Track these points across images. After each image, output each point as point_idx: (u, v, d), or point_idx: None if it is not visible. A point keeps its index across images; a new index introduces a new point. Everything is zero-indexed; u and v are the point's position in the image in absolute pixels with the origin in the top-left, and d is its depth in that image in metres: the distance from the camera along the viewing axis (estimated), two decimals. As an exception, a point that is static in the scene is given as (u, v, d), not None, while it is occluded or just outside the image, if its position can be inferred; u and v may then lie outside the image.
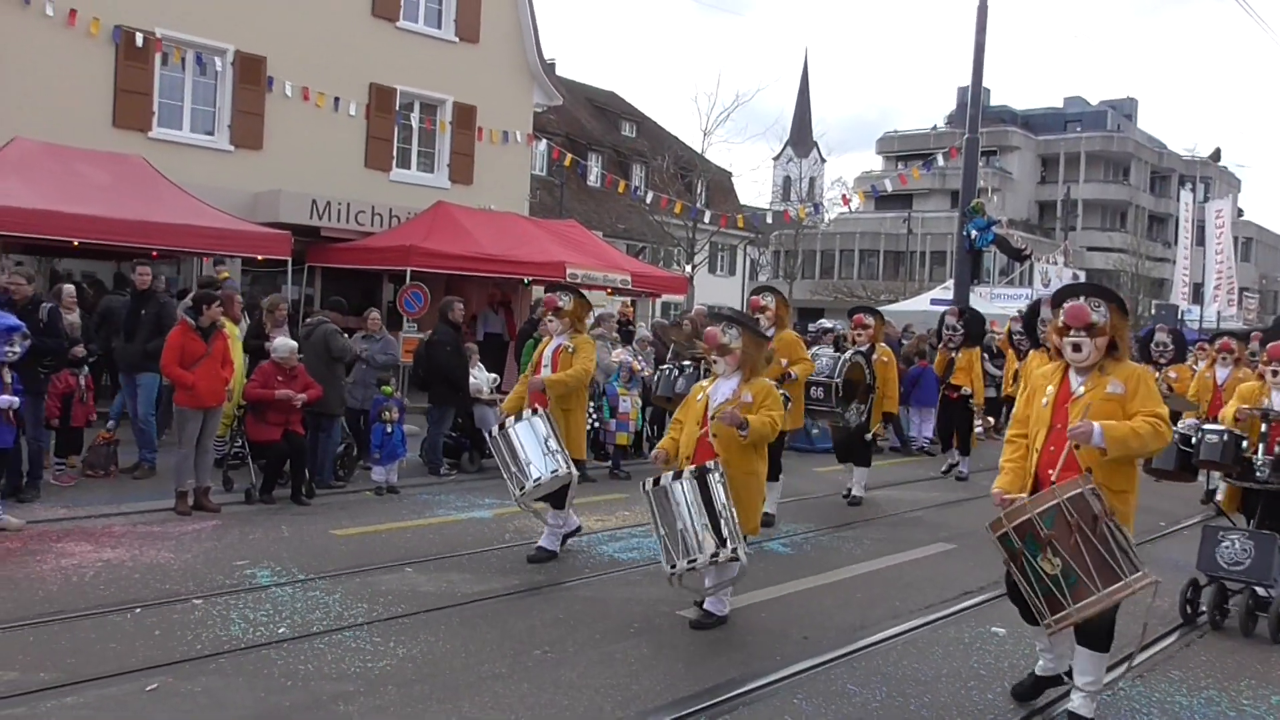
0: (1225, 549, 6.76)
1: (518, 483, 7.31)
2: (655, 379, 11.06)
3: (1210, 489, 10.03)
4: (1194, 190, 44.41)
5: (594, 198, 34.04)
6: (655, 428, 12.93)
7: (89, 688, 4.95)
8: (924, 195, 59.82)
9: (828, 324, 14.87)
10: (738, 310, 6.65)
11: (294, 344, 9.74)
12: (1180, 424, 7.72)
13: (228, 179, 16.60)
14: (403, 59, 19.36)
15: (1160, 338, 12.69)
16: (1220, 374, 10.95)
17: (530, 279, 18.23)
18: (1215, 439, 6.83)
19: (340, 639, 5.84)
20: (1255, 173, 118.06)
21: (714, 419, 6.21)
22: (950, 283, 23.30)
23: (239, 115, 17.26)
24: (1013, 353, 13.38)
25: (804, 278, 51.10)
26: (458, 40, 20.37)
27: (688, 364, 10.20)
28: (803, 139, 66.04)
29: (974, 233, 19.50)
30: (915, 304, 30.94)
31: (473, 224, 17.96)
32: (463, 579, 7.17)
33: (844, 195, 36.12)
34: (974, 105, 19.58)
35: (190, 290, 10.45)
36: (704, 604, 6.38)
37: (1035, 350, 9.83)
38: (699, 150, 35.80)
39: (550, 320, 7.97)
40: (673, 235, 33.21)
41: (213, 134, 17.19)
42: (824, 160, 62.65)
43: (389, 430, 10.20)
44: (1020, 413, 5.34)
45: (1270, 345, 7.21)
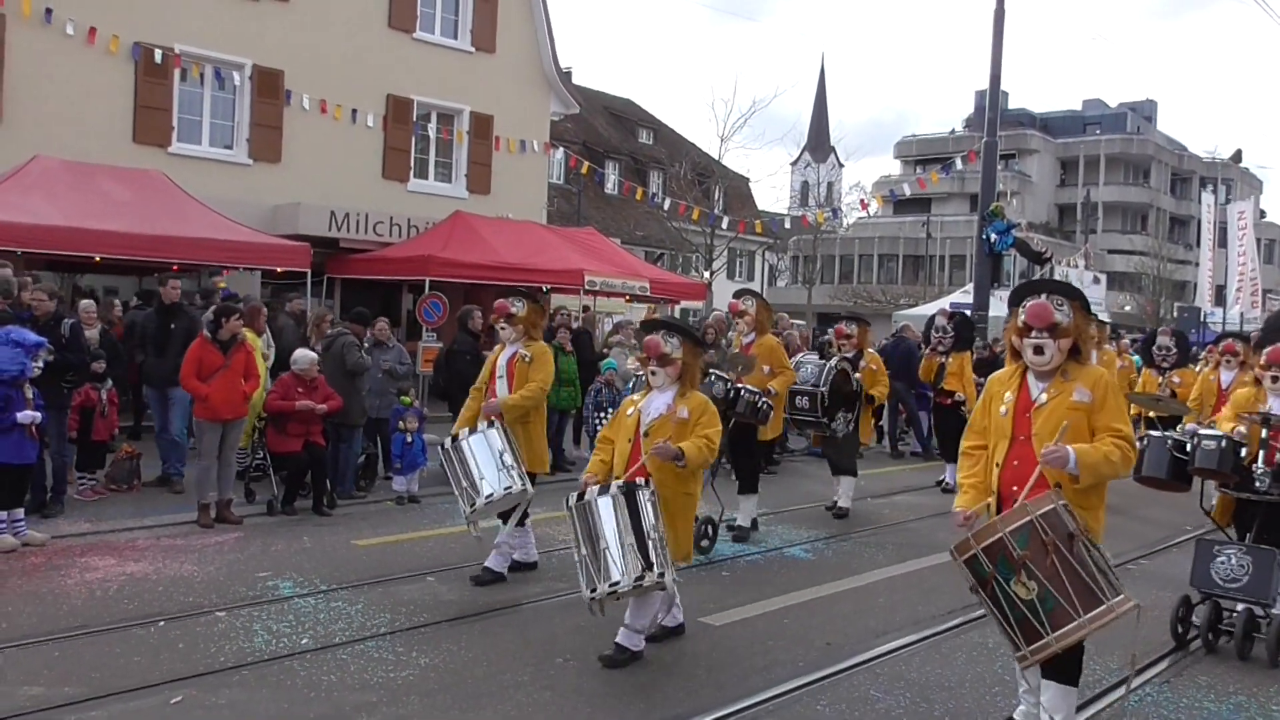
0: (1221, 564, 6.34)
1: (468, 499, 6.87)
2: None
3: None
4: (1215, 192, 44.03)
5: (612, 205, 34.08)
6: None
7: (114, 701, 4.97)
8: (943, 199, 59.62)
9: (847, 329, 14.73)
10: (677, 318, 6.32)
11: (314, 355, 9.77)
12: (1178, 429, 7.44)
13: (247, 192, 16.72)
14: (419, 70, 19.46)
15: (1163, 341, 12.24)
16: (1225, 377, 10.16)
17: (549, 287, 18.24)
18: (1212, 445, 6.30)
19: (363, 649, 5.85)
20: (1277, 174, 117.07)
21: (647, 454, 5.72)
22: (970, 286, 23.16)
23: (257, 129, 17.39)
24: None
25: (823, 283, 50.96)
26: (474, 50, 20.46)
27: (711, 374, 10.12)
28: (820, 144, 65.89)
29: (993, 236, 19.38)
30: (935, 308, 30.76)
31: (491, 233, 18.00)
32: (484, 588, 7.16)
33: (862, 200, 35.96)
34: (992, 109, 19.48)
35: (232, 304, 10.39)
36: (618, 637, 5.76)
37: None
38: (716, 156, 35.82)
39: (503, 327, 7.45)
40: (691, 242, 33.20)
41: (231, 148, 17.33)
42: (842, 165, 62.47)
43: (409, 440, 10.22)
44: (977, 423, 4.90)
45: (1270, 348, 6.69)
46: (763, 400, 8.68)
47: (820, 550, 8.96)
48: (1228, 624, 6.38)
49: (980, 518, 4.61)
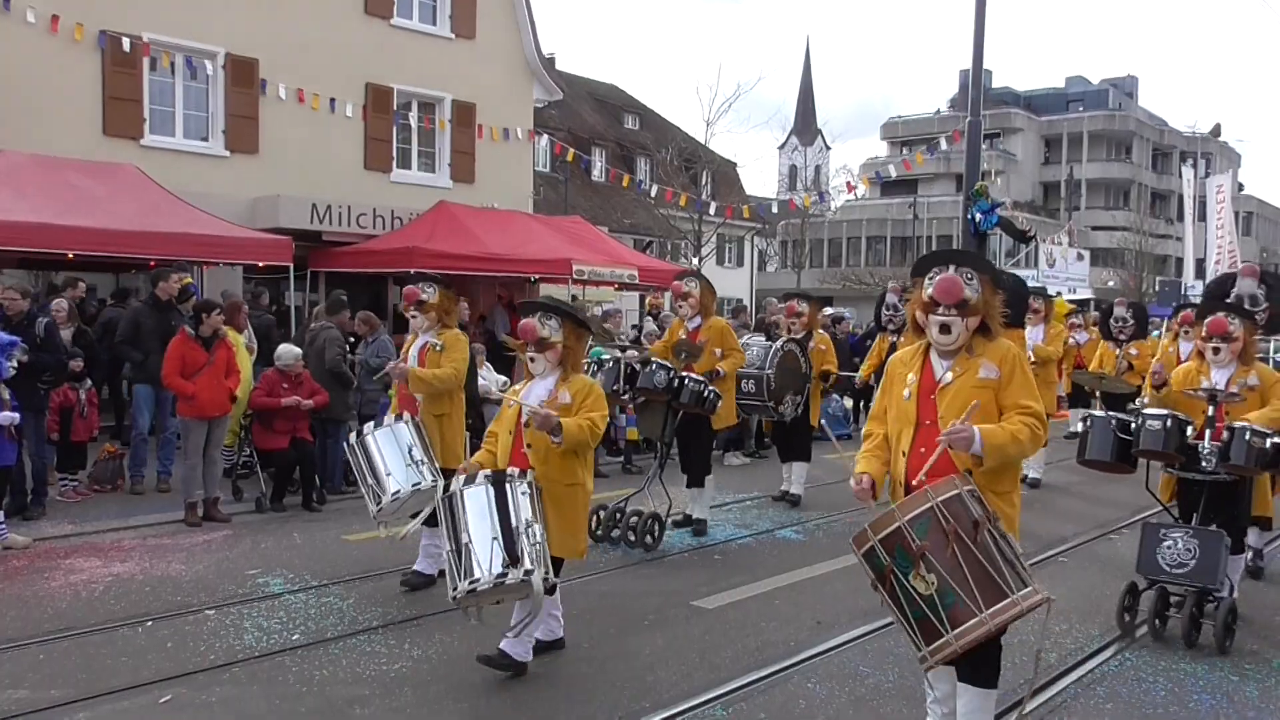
0: (1167, 549, 6.01)
1: (374, 497, 6.50)
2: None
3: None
4: (1195, 166, 44.09)
5: (599, 193, 33.92)
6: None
7: (101, 702, 4.90)
8: (929, 180, 59.70)
9: (844, 312, 14.66)
10: (555, 298, 5.75)
11: (298, 350, 9.67)
12: (1137, 402, 7.17)
13: (225, 185, 16.47)
14: (398, 57, 19.22)
15: (1119, 312, 11.97)
16: (1184, 348, 9.86)
17: (537, 277, 18.13)
18: (1157, 425, 5.99)
19: (355, 643, 5.79)
20: (1255, 147, 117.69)
21: (526, 425, 5.35)
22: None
23: (233, 119, 17.13)
24: None
25: (812, 266, 51.00)
26: (454, 36, 20.24)
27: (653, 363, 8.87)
28: (807, 127, 65.91)
29: (978, 216, 19.31)
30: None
31: (476, 223, 17.86)
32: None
33: (849, 182, 35.95)
34: (975, 88, 19.36)
35: (213, 300, 10.19)
36: (501, 643, 5.30)
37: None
38: (702, 141, 35.69)
39: (413, 315, 6.99)
40: (679, 228, 33.09)
41: (207, 139, 17.04)
42: (828, 148, 62.50)
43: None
44: (878, 407, 4.51)
45: (1211, 319, 6.30)
46: (709, 390, 8.28)
47: (811, 532, 8.94)
48: (1177, 611, 6.13)
49: (880, 499, 4.25)
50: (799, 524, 9.16)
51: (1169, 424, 5.97)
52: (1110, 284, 45.47)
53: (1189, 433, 6.01)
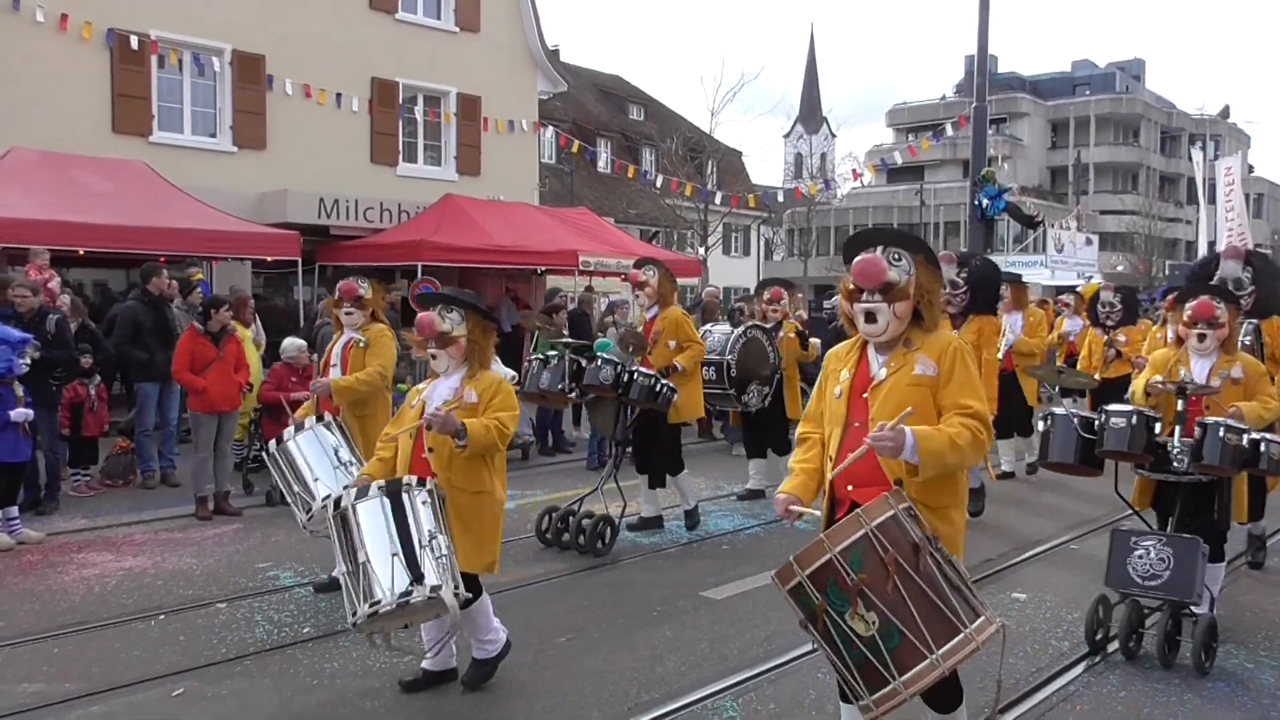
0: (1139, 559, 5.45)
1: (303, 505, 6.15)
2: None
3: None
4: (1204, 149, 43.91)
5: (604, 184, 33.91)
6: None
7: (115, 696, 4.95)
8: (936, 166, 59.50)
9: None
10: (459, 289, 5.24)
11: (303, 343, 9.72)
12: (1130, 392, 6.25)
13: (232, 181, 16.54)
14: (403, 51, 19.25)
15: (1106, 297, 11.22)
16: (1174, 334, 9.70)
17: (543, 269, 18.15)
18: (1122, 423, 5.45)
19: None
20: (1264, 129, 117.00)
21: (427, 428, 4.89)
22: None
23: (240, 116, 17.19)
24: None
25: (819, 254, 50.87)
26: (458, 30, 20.25)
27: (599, 358, 8.45)
28: (812, 115, 65.68)
29: (985, 201, 19.30)
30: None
31: (482, 216, 17.89)
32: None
33: (855, 170, 35.82)
34: (980, 73, 19.33)
35: (221, 296, 10.23)
36: (424, 663, 5.07)
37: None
38: (707, 130, 35.63)
39: (349, 312, 6.65)
40: (685, 218, 33.07)
41: (215, 136, 17.13)
42: (834, 136, 62.25)
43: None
44: (813, 406, 4.02)
45: (1196, 303, 5.72)
46: (661, 384, 7.82)
47: (818, 521, 8.91)
48: (1153, 627, 5.58)
49: (809, 517, 3.81)
50: (808, 513, 9.16)
51: (1134, 421, 5.44)
52: (1120, 268, 45.29)
53: (1157, 430, 5.47)
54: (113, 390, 11.24)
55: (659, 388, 7.80)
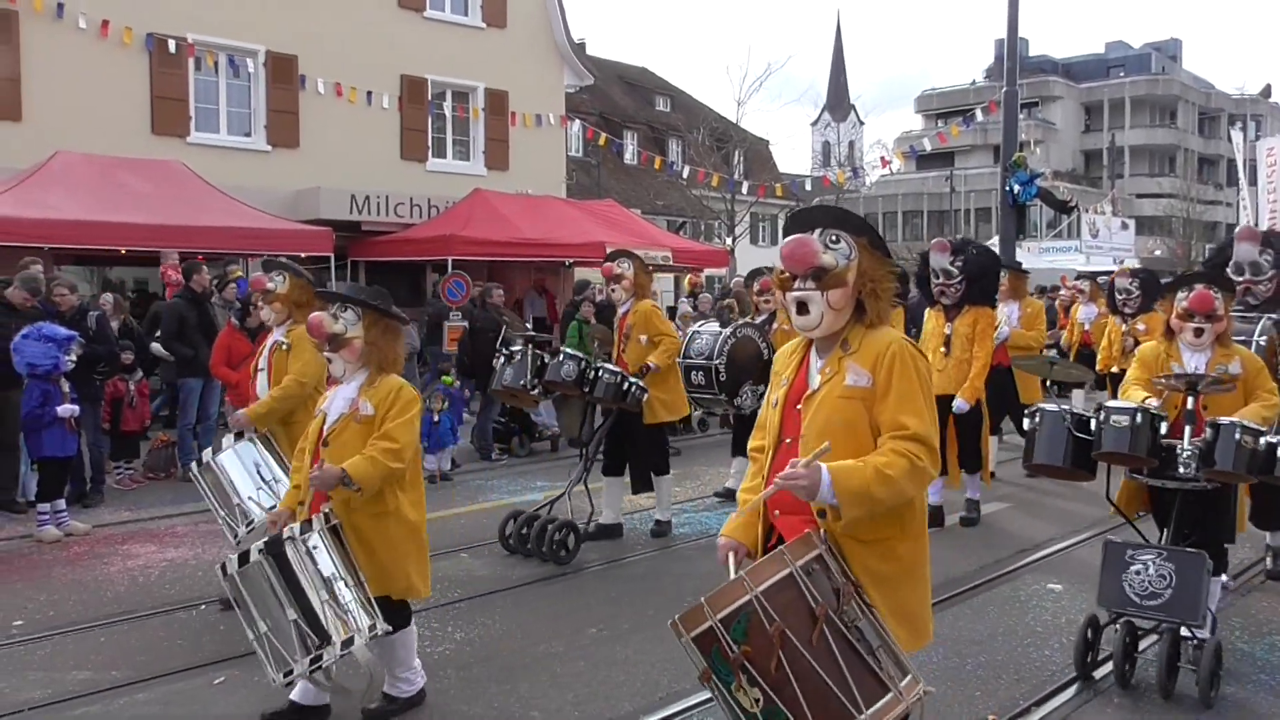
0: (1136, 575, 4.85)
1: (230, 528, 5.86)
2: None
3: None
4: (1244, 129, 43.25)
5: (631, 175, 33.95)
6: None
7: (159, 684, 5.10)
8: (966, 152, 59.02)
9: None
10: (357, 285, 4.42)
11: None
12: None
13: (267, 179, 16.79)
14: (432, 48, 19.42)
15: (1122, 283, 10.45)
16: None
17: (571, 261, 18.27)
18: (1124, 422, 4.83)
19: (399, 626, 5.94)
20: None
21: (324, 444, 4.48)
22: (996, 239, 22.96)
23: (274, 115, 17.44)
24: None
25: (847, 243, 50.68)
26: (485, 26, 20.38)
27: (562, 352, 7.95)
28: (840, 103, 65.42)
29: (1017, 187, 19.16)
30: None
31: (511, 209, 18.02)
32: (516, 561, 7.24)
33: (883, 157, 35.68)
34: (1011, 57, 19.18)
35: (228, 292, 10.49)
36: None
37: (931, 308, 8.42)
38: (734, 120, 35.56)
39: (259, 306, 6.30)
40: (712, 209, 33.06)
41: (249, 135, 17.39)
42: (862, 123, 61.94)
43: (436, 419, 10.32)
44: (763, 416, 3.47)
45: (1194, 293, 5.14)
46: (629, 382, 7.41)
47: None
48: (1146, 650, 5.08)
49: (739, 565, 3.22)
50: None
51: (1138, 420, 4.81)
52: (1157, 253, 44.80)
53: (1162, 431, 4.85)
54: (154, 386, 11.49)
55: (626, 386, 7.40)
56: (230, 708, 4.86)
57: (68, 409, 7.94)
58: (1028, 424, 5.32)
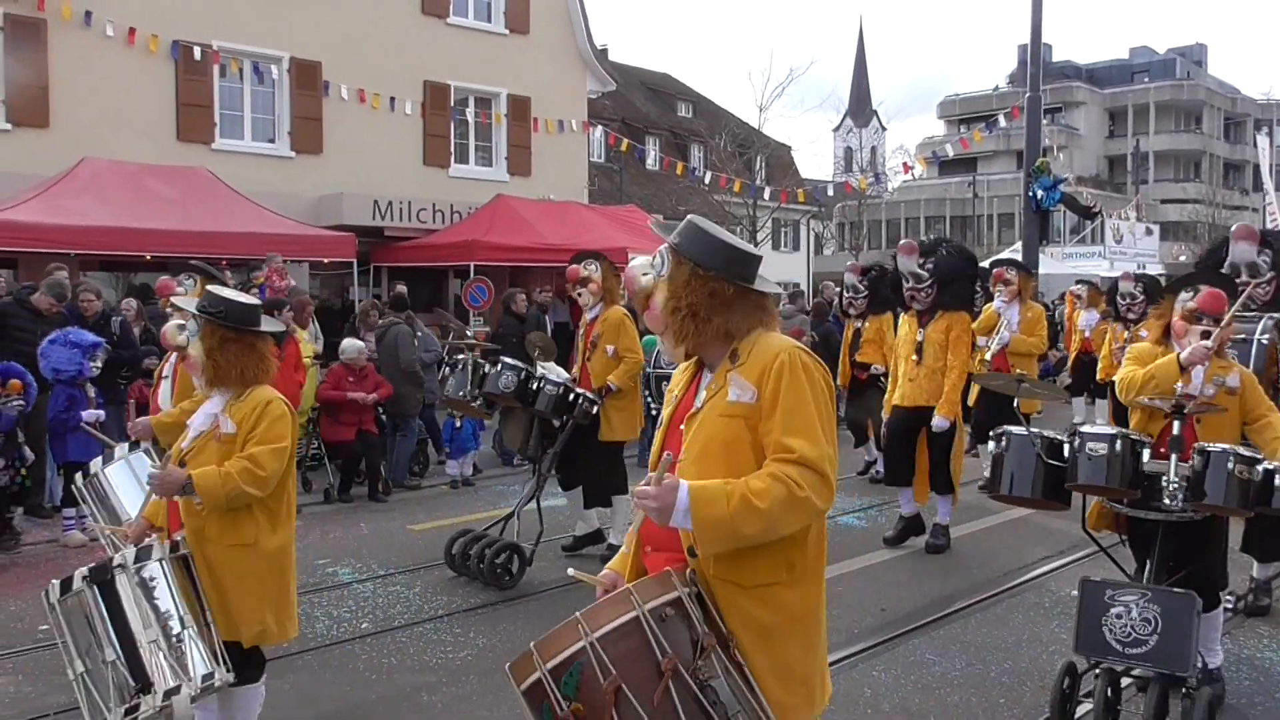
0: (1117, 619, 4.31)
1: (116, 549, 4.80)
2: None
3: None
4: (1270, 134, 42.83)
5: (653, 181, 33.97)
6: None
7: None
8: (989, 158, 58.77)
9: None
10: (212, 294, 4.02)
11: (361, 345, 9.91)
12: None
13: (290, 185, 16.90)
14: (455, 55, 19.49)
15: (1125, 287, 10.03)
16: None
17: (593, 266, 18.28)
18: (1101, 450, 4.36)
19: (422, 631, 5.95)
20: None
21: (180, 464, 3.94)
22: (1019, 245, 22.84)
23: (298, 121, 17.56)
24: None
25: (870, 248, 50.53)
26: (508, 32, 20.45)
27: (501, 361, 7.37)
28: (862, 108, 65.27)
29: (1040, 193, 19.08)
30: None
31: (533, 215, 18.07)
32: (539, 567, 7.21)
33: (905, 163, 35.52)
34: (1034, 63, 19.10)
35: (281, 298, 10.53)
36: None
37: (905, 313, 7.97)
38: (756, 126, 35.54)
39: (167, 312, 5.64)
40: (734, 214, 33.03)
41: (273, 141, 17.51)
42: (884, 129, 61.75)
43: (458, 425, 10.33)
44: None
45: (1204, 293, 4.64)
46: (578, 394, 6.93)
47: (874, 518, 8.93)
48: (1131, 701, 4.50)
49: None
50: (861, 511, 9.17)
51: (1118, 447, 4.35)
52: (1182, 258, 44.39)
53: (1145, 458, 4.38)
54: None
55: (575, 399, 6.90)
56: (253, 712, 4.86)
57: (92, 414, 7.97)
58: (993, 448, 4.87)
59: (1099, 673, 4.38)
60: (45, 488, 8.70)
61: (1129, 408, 4.72)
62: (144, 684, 3.50)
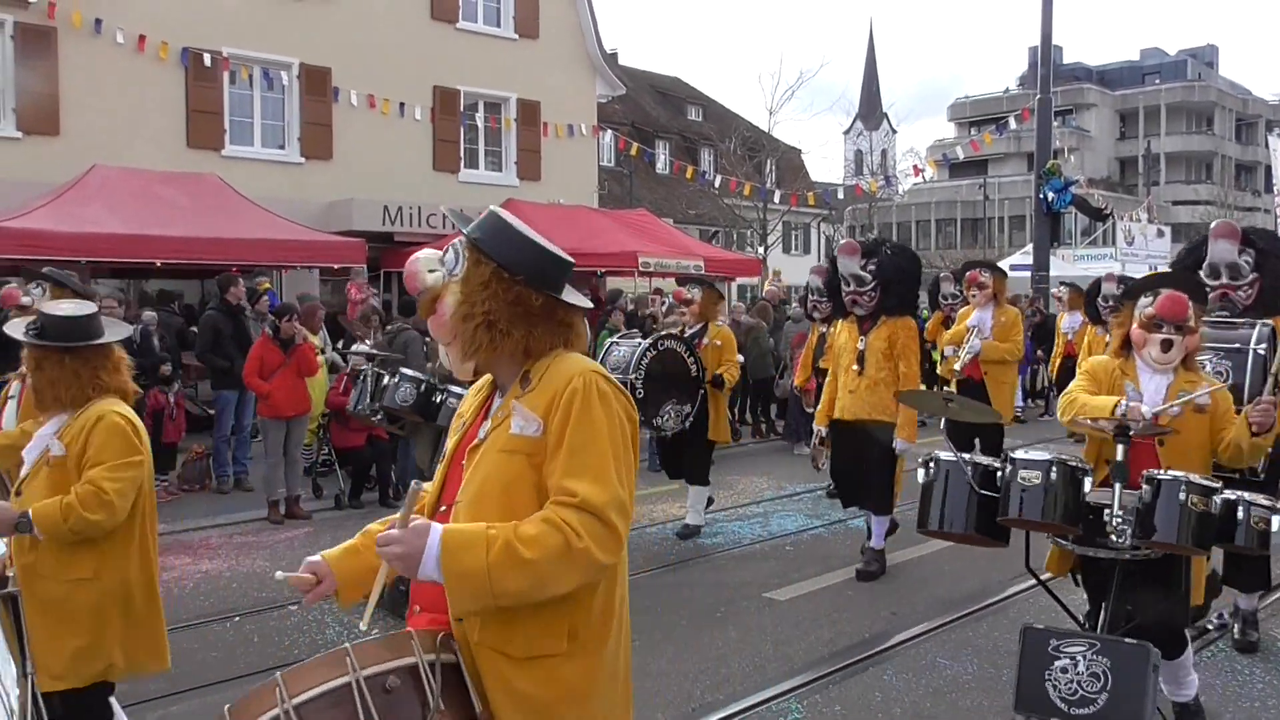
0: (1062, 674, 3.80)
1: None
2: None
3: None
4: (1282, 135, 42.77)
5: (663, 185, 33.95)
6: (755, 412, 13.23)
7: (193, 696, 5.10)
8: (1000, 160, 58.66)
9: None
10: (50, 315, 3.66)
11: (370, 351, 9.89)
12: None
13: (300, 191, 16.95)
14: (464, 60, 19.53)
15: (1108, 289, 9.64)
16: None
17: (603, 271, 18.27)
18: (1035, 480, 3.87)
19: (432, 637, 5.92)
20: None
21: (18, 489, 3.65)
22: (1030, 247, 22.76)
23: (307, 127, 17.60)
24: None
25: (880, 252, 50.45)
26: (517, 37, 20.48)
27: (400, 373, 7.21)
28: (872, 111, 65.12)
29: (1051, 195, 19.05)
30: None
31: (543, 220, 18.01)
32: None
33: (915, 166, 35.43)
34: (1044, 65, 19.06)
35: (292, 304, 10.53)
36: None
37: (843, 320, 7.38)
38: (766, 129, 35.50)
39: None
40: (744, 218, 33.00)
41: (283, 147, 17.56)
42: (894, 131, 61.66)
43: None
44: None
45: (1163, 296, 4.14)
46: None
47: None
48: None
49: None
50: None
51: (1053, 475, 3.84)
52: (1193, 260, 44.24)
53: (1086, 488, 3.89)
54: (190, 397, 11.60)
55: None
56: None
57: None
58: (921, 476, 4.31)
59: None
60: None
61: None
62: None
